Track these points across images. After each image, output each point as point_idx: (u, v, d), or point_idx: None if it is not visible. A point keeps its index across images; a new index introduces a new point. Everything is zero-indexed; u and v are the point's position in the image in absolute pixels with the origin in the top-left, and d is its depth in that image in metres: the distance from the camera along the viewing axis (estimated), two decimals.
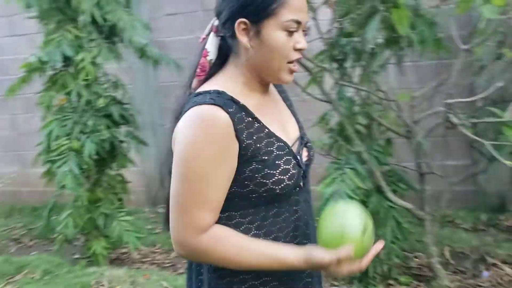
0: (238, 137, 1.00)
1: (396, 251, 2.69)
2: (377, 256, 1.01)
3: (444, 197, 2.74)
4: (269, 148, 1.04)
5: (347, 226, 0.99)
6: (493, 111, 2.34)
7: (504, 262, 2.85)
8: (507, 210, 3.46)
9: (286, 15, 1.01)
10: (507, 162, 1.69)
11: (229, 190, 1.02)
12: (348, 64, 2.59)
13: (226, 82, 1.07)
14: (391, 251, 2.67)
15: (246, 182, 1.03)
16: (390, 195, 2.60)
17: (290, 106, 1.22)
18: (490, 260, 2.88)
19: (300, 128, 1.19)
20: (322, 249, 1.00)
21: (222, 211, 1.04)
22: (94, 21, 2.95)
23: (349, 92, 2.66)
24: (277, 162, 1.04)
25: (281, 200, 1.07)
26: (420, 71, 3.07)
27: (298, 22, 1.03)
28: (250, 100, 1.06)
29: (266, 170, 1.03)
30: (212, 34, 1.09)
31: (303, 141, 1.15)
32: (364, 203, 2.67)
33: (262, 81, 1.10)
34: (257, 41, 1.03)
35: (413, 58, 2.86)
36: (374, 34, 2.14)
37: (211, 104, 0.99)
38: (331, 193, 2.50)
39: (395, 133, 2.64)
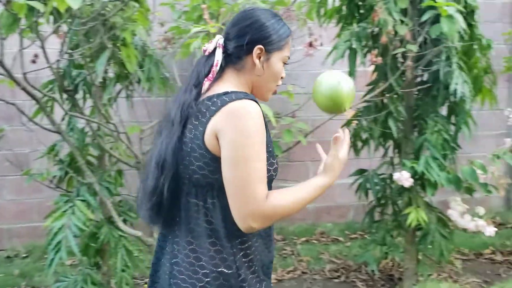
0: (266, 125, 1.24)
1: (127, 279, 2.76)
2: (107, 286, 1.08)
3: None
4: (271, 143, 1.28)
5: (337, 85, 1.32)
6: None
7: None
8: None
9: (286, 52, 1.32)
10: None
11: None
12: (78, 95, 2.60)
13: (238, 87, 1.30)
14: (122, 279, 2.73)
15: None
16: (121, 224, 2.68)
17: None
18: None
19: None
20: (328, 155, 1.32)
21: (210, 197, 1.25)
22: None
23: (80, 123, 2.66)
24: (273, 153, 1.29)
25: (270, 188, 1.27)
26: (149, 106, 3.29)
27: (289, 57, 1.33)
28: None
29: (271, 159, 1.26)
30: (218, 49, 1.31)
31: None
32: (95, 234, 2.68)
33: (260, 100, 1.32)
34: (265, 65, 1.30)
35: (143, 93, 3.06)
36: (103, 68, 2.23)
37: (250, 99, 1.21)
38: (60, 227, 2.43)
39: (125, 164, 2.75)
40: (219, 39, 1.33)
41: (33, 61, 2.64)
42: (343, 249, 3.64)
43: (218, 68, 1.30)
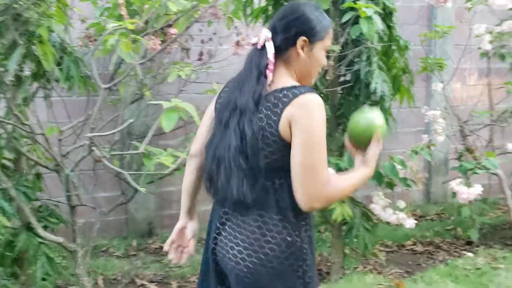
0: None
1: (48, 287, 2.63)
2: None
3: (95, 227, 2.86)
4: None
5: (373, 120, 1.48)
6: (135, 145, 2.63)
7: (151, 281, 3.17)
8: (155, 234, 3.87)
9: (327, 42, 1.46)
10: (142, 189, 1.94)
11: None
12: None
13: (295, 81, 1.42)
14: None
15: None
16: (41, 231, 2.55)
17: None
18: (139, 282, 3.15)
19: None
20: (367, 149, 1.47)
21: (278, 178, 1.39)
22: None
23: None
24: None
25: None
26: (69, 106, 3.15)
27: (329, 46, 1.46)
28: None
29: None
30: (268, 42, 1.40)
31: None
32: (11, 242, 2.53)
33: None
34: (309, 54, 1.43)
35: (63, 93, 2.93)
36: (14, 66, 2.11)
37: (315, 93, 1.36)
38: None
39: (44, 167, 2.62)
40: (267, 33, 1.43)
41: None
42: None
43: (273, 60, 1.40)
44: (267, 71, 1.39)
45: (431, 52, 4.19)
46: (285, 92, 1.36)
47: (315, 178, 1.32)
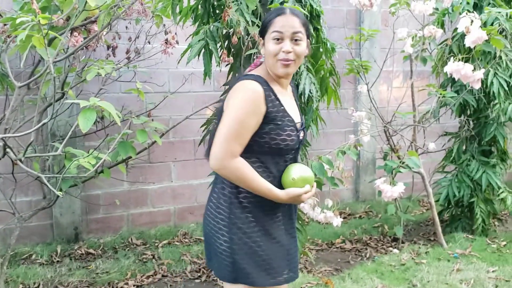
0: (266, 103, 1.60)
1: None
2: None
3: (15, 234, 2.70)
4: (282, 118, 1.64)
5: (306, 172, 1.69)
6: (57, 146, 2.51)
7: None
8: (81, 239, 3.72)
9: (271, 29, 1.64)
10: (59, 193, 1.84)
11: (251, 139, 1.61)
12: None
13: (263, 72, 1.69)
14: None
15: (263, 136, 1.62)
16: None
17: (296, 102, 1.81)
18: None
19: (301, 117, 1.77)
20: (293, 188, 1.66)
21: (244, 153, 1.61)
22: None
23: None
24: (285, 128, 1.64)
25: (282, 154, 1.67)
26: None
27: (280, 32, 1.62)
28: (274, 86, 1.67)
29: (278, 130, 1.63)
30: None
31: (302, 125, 1.75)
32: None
33: (278, 77, 1.68)
34: (264, 49, 1.68)
35: None
36: None
37: (253, 80, 1.62)
38: None
39: None
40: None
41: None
42: (203, 250, 3.64)
43: (261, 59, 1.73)
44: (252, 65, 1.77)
45: (359, 55, 4.33)
46: (239, 79, 1.67)
47: (223, 144, 1.58)
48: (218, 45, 2.79)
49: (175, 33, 3.05)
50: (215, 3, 2.90)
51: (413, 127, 3.85)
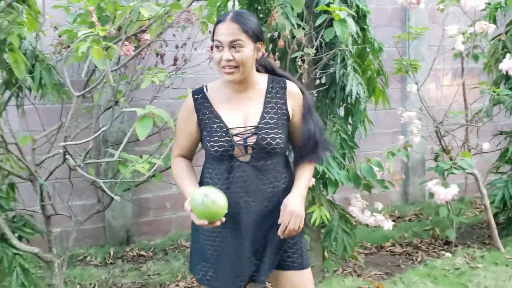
0: (196, 112, 1.73)
1: None
2: None
3: (72, 236, 2.81)
4: (212, 125, 1.70)
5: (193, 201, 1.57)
6: (111, 152, 2.60)
7: None
8: (132, 242, 3.83)
9: (214, 38, 1.66)
10: (116, 197, 1.91)
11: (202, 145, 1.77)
12: None
13: (216, 81, 1.78)
14: None
15: (203, 142, 1.74)
16: (15, 241, 2.50)
17: (267, 104, 1.73)
18: None
19: (261, 122, 1.69)
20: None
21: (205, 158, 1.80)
22: None
23: None
24: (213, 133, 1.68)
25: (218, 160, 1.71)
26: (43, 113, 3.10)
27: (219, 41, 1.64)
28: (220, 93, 1.74)
29: (208, 137, 1.70)
30: None
31: (257, 130, 1.68)
32: None
33: (233, 83, 1.70)
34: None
35: (36, 100, 2.88)
36: None
37: (195, 89, 1.77)
38: None
39: (18, 177, 2.57)
40: None
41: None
42: None
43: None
44: None
45: (406, 53, 4.25)
46: None
47: (173, 147, 1.82)
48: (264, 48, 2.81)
49: None
50: (260, 7, 2.93)
51: (465, 127, 3.73)
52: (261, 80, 1.76)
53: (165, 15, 2.17)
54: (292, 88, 1.77)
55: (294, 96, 1.76)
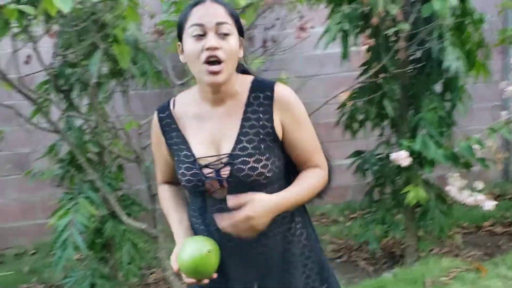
0: (164, 134, 1.36)
1: (134, 271, 2.81)
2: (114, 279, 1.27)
3: None
4: (179, 152, 1.33)
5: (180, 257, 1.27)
6: None
7: None
8: None
9: (188, 24, 1.23)
10: None
11: None
12: (74, 94, 2.61)
13: (187, 91, 1.39)
14: (129, 271, 2.79)
15: (176, 173, 1.36)
16: (125, 218, 2.72)
17: (246, 121, 1.29)
18: None
19: (236, 147, 1.27)
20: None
21: None
22: None
23: (78, 121, 2.67)
24: (180, 164, 1.32)
25: (191, 195, 1.37)
26: (145, 99, 3.30)
27: (199, 25, 1.21)
28: (190, 109, 1.33)
29: (176, 167, 1.34)
30: None
31: (231, 158, 1.27)
32: (100, 230, 2.72)
33: (207, 90, 1.27)
34: (184, 53, 1.26)
35: (138, 87, 3.07)
36: (96, 68, 2.24)
37: (156, 108, 1.38)
38: (65, 224, 2.47)
39: (125, 159, 2.78)
40: None
41: (26, 62, 2.65)
42: (344, 229, 3.68)
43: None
44: None
45: (509, 23, 3.95)
46: None
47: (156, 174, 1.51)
48: (355, 25, 2.75)
49: (311, 18, 3.06)
50: None
51: None
52: (242, 86, 1.31)
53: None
54: (282, 95, 1.30)
55: (286, 107, 1.29)
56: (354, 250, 3.38)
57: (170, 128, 1.34)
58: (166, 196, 1.46)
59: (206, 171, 1.28)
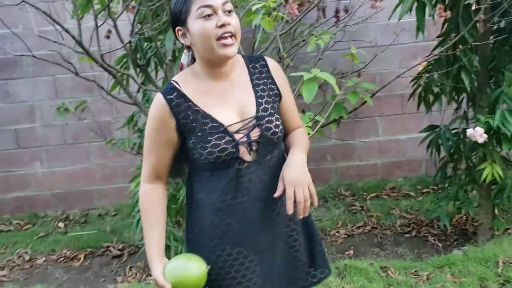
0: (174, 115, 1.34)
1: None
2: None
3: None
4: (203, 127, 1.33)
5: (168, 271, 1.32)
6: None
7: None
8: None
9: (195, 7, 1.30)
10: None
11: (187, 158, 1.38)
12: (150, 68, 2.73)
13: (182, 74, 1.41)
14: None
15: (192, 151, 1.34)
16: None
17: (257, 87, 1.42)
18: None
19: (259, 109, 1.38)
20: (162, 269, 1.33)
21: (190, 172, 1.42)
22: None
23: (154, 93, 2.81)
24: (208, 138, 1.32)
25: (218, 169, 1.35)
26: None
27: (208, 6, 1.29)
28: (196, 86, 1.37)
29: (201, 143, 1.33)
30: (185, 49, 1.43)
31: (258, 120, 1.37)
32: (174, 196, 2.88)
33: (215, 66, 1.35)
34: (191, 36, 1.33)
35: None
36: (171, 45, 2.33)
37: (162, 91, 1.36)
38: None
39: None
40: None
41: (107, 37, 2.81)
42: (415, 204, 3.62)
43: (184, 63, 1.45)
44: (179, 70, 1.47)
45: None
46: None
47: (142, 170, 1.44)
48: None
49: None
50: None
51: None
52: (236, 62, 1.43)
53: None
54: (274, 63, 1.49)
55: (279, 73, 1.48)
56: (424, 225, 3.33)
57: (183, 107, 1.35)
58: (149, 200, 1.41)
59: (237, 136, 1.35)
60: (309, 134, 2.28)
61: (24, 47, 2.70)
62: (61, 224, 3.83)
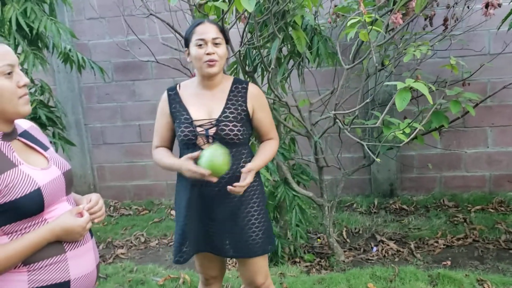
0: (169, 105, 1.96)
1: (301, 233, 3.13)
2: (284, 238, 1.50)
3: (340, 185, 3.21)
4: (180, 117, 1.92)
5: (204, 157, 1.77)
6: (376, 114, 2.82)
7: (390, 239, 3.40)
8: (396, 195, 4.05)
9: (194, 38, 1.88)
10: (377, 159, 2.13)
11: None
12: (257, 74, 2.96)
13: (188, 80, 2.02)
14: (297, 233, 3.11)
15: (176, 132, 1.95)
16: (295, 185, 3.02)
17: (229, 101, 1.93)
18: (378, 237, 3.42)
19: (221, 115, 1.89)
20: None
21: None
22: (19, 29, 3.06)
23: None
24: (180, 124, 1.91)
25: (185, 148, 1.93)
26: (319, 76, 3.52)
27: (202, 39, 1.85)
28: (190, 90, 1.96)
29: (177, 128, 1.92)
30: None
31: (217, 122, 1.88)
32: (273, 193, 3.08)
33: (204, 79, 1.91)
34: (190, 56, 1.90)
35: (312, 66, 3.30)
36: (275, 54, 2.53)
37: (167, 89, 2.01)
38: None
39: (297, 133, 3.06)
40: None
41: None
42: None
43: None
44: None
45: None
46: None
47: (152, 142, 2.05)
48: None
49: None
50: None
51: None
52: (227, 81, 1.96)
53: None
54: (254, 89, 1.97)
55: (256, 97, 1.96)
56: None
57: (175, 101, 1.95)
58: (161, 152, 1.99)
59: (198, 129, 1.89)
60: (402, 141, 2.34)
61: (149, 52, 3.08)
62: (173, 212, 4.23)
